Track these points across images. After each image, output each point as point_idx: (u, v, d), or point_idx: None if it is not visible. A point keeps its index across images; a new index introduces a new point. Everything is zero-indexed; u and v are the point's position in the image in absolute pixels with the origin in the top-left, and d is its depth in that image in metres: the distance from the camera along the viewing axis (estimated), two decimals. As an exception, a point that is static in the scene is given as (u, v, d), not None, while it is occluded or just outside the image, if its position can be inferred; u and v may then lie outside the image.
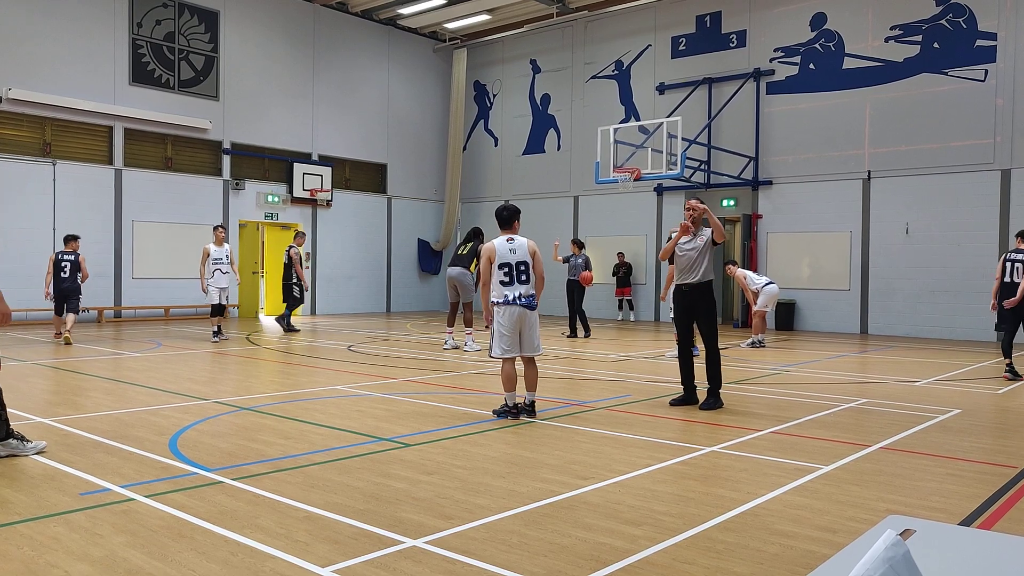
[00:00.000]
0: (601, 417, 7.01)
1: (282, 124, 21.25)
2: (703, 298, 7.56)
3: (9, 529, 3.84)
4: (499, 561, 3.48)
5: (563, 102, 23.01)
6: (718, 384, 7.58)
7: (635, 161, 17.51)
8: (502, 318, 6.81)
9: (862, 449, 5.80)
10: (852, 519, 4.15)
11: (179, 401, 7.52)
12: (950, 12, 16.61)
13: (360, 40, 22.97)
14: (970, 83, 16.35)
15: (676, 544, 3.73)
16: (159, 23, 18.82)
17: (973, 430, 6.63)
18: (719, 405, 7.48)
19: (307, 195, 21.43)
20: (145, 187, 18.60)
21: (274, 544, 3.65)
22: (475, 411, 7.21)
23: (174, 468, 5.05)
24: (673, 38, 20.68)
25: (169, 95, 19.00)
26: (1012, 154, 15.90)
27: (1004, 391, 8.95)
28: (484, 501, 4.38)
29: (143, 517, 4.03)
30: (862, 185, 17.61)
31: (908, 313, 17.07)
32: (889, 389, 8.92)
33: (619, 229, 21.69)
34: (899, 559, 1.32)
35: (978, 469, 5.24)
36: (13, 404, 7.18)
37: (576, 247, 15.88)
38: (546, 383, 9.13)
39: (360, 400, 7.76)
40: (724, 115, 19.54)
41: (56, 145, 17.27)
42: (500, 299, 6.83)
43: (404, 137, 24.29)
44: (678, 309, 7.84)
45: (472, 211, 25.03)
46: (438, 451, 5.58)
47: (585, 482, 4.79)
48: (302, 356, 11.83)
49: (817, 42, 18.35)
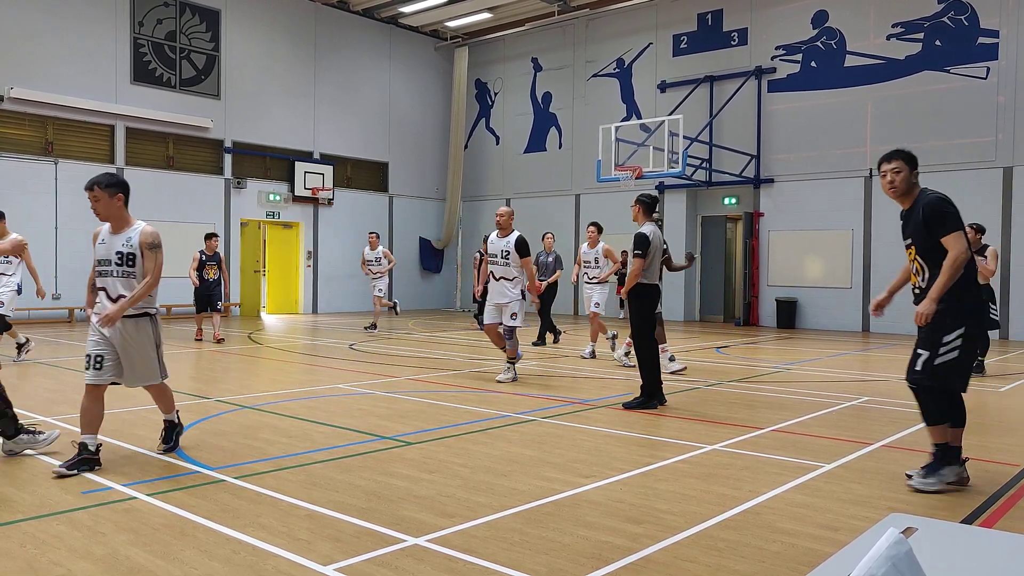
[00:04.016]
0: (602, 415, 7.01)
1: (283, 123, 21.25)
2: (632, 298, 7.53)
3: (12, 527, 3.85)
4: (501, 559, 3.48)
5: (564, 100, 23.00)
6: (643, 383, 7.44)
7: (636, 159, 17.50)
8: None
9: (864, 447, 5.80)
10: (854, 517, 4.15)
11: (181, 400, 7.51)
12: (952, 10, 16.59)
13: (361, 39, 22.96)
14: (972, 81, 16.33)
15: (677, 542, 3.73)
16: (160, 22, 18.82)
17: (974, 428, 6.62)
18: (644, 405, 7.33)
19: (308, 194, 21.45)
20: (147, 186, 18.58)
21: (276, 542, 3.66)
22: (477, 409, 7.21)
23: (176, 467, 5.06)
24: (674, 36, 20.66)
25: (170, 94, 19.00)
26: (1014, 152, 15.88)
27: (1005, 389, 8.94)
28: (486, 499, 4.38)
29: (145, 515, 4.04)
30: (864, 183, 17.59)
31: (910, 311, 17.00)
32: (891, 387, 8.92)
33: (621, 228, 21.67)
34: (901, 557, 1.32)
35: (980, 467, 5.23)
36: (17, 403, 7.19)
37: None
38: (546, 382, 9.13)
39: (362, 398, 7.77)
40: (725, 113, 19.52)
41: (58, 144, 17.28)
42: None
43: (405, 135, 24.29)
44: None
45: (474, 210, 25.03)
46: (440, 449, 5.58)
47: (587, 480, 4.79)
48: (304, 355, 11.83)
49: (818, 40, 18.33)
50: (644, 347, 7.41)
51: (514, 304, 8.94)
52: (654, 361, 7.41)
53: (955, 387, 4.69)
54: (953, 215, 4.64)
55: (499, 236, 9.15)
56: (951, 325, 4.62)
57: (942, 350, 4.61)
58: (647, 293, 7.47)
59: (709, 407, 7.54)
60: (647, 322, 7.46)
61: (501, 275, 9.03)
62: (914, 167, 4.84)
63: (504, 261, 9.00)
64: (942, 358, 4.61)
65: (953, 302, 4.63)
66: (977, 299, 4.76)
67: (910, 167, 4.83)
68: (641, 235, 7.42)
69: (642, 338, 7.43)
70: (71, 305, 17.26)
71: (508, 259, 8.98)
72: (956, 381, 4.67)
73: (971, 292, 4.69)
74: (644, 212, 7.64)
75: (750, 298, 19.15)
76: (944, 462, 4.66)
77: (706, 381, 9.27)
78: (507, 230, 9.09)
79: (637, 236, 7.42)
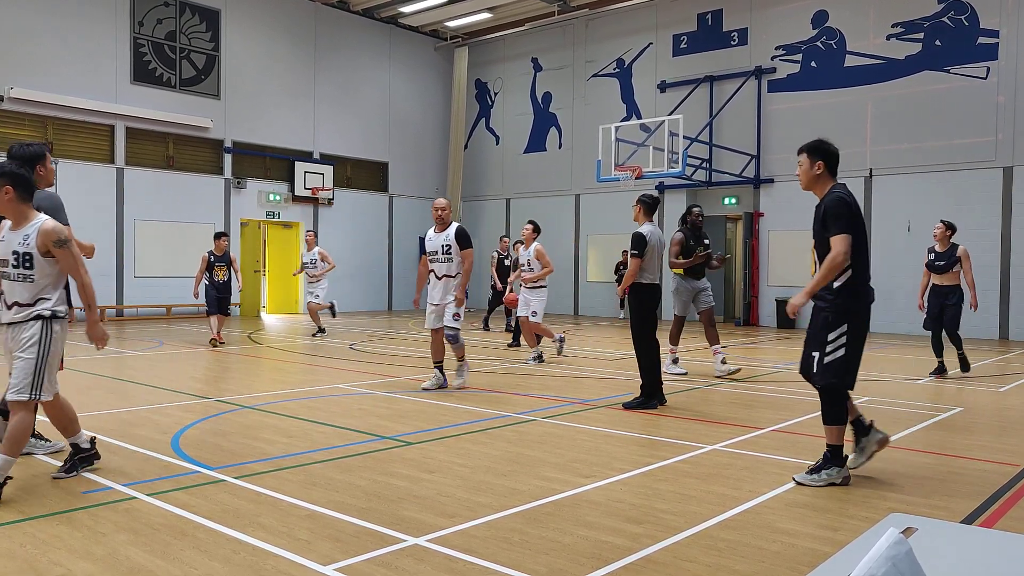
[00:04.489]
0: (602, 415, 7.01)
1: (283, 123, 21.25)
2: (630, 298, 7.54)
3: (12, 527, 3.85)
4: (501, 559, 3.48)
5: (564, 100, 23.00)
6: (642, 383, 7.46)
7: (636, 159, 17.50)
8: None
9: (864, 447, 5.79)
10: (854, 517, 4.15)
11: (181, 400, 7.52)
12: (952, 10, 16.59)
13: (361, 39, 22.97)
14: (972, 81, 16.33)
15: (677, 542, 3.74)
16: (160, 22, 18.82)
17: (974, 428, 6.63)
18: (644, 405, 7.35)
19: (308, 194, 21.45)
20: (147, 186, 18.61)
21: (276, 542, 3.66)
22: (477, 409, 7.21)
23: (176, 466, 5.06)
24: (674, 36, 20.66)
25: (170, 94, 19.00)
26: (1014, 152, 15.88)
27: (1005, 389, 8.94)
28: (486, 499, 4.38)
29: (145, 515, 4.04)
30: (864, 183, 17.59)
31: (910, 311, 17.04)
32: (891, 387, 8.91)
33: (620, 227, 21.68)
34: (902, 557, 1.33)
35: (980, 467, 5.23)
36: None
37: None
38: (547, 381, 9.13)
39: (362, 398, 7.77)
40: (725, 113, 19.52)
41: (58, 144, 17.27)
42: None
43: (405, 136, 24.29)
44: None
45: (474, 209, 25.03)
46: (440, 449, 5.58)
47: (587, 480, 4.79)
48: (304, 355, 11.83)
49: (818, 40, 18.33)
50: (643, 347, 7.41)
51: (455, 304, 8.28)
52: (654, 361, 7.41)
53: (844, 384, 4.82)
54: (845, 217, 4.73)
55: (437, 231, 8.39)
56: (834, 323, 4.76)
57: (828, 348, 4.76)
58: (646, 293, 7.47)
59: (709, 407, 7.55)
60: (647, 322, 7.45)
61: (444, 273, 8.31)
62: (819, 160, 4.96)
63: (446, 257, 8.29)
64: (830, 356, 4.75)
65: (837, 301, 4.76)
66: (858, 298, 4.83)
67: (812, 160, 4.97)
68: (639, 235, 7.42)
69: (641, 338, 7.42)
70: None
71: (450, 254, 8.27)
72: (845, 378, 4.80)
73: (855, 292, 4.79)
74: (645, 212, 7.64)
75: (750, 298, 19.15)
76: (834, 462, 4.79)
77: (706, 381, 9.27)
78: (446, 224, 8.34)
79: (635, 236, 7.42)
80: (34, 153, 5.22)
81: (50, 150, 5.63)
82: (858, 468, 4.96)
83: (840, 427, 4.82)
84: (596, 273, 22.25)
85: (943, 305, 9.74)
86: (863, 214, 19.45)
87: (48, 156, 5.33)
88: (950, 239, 9.72)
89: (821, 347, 4.79)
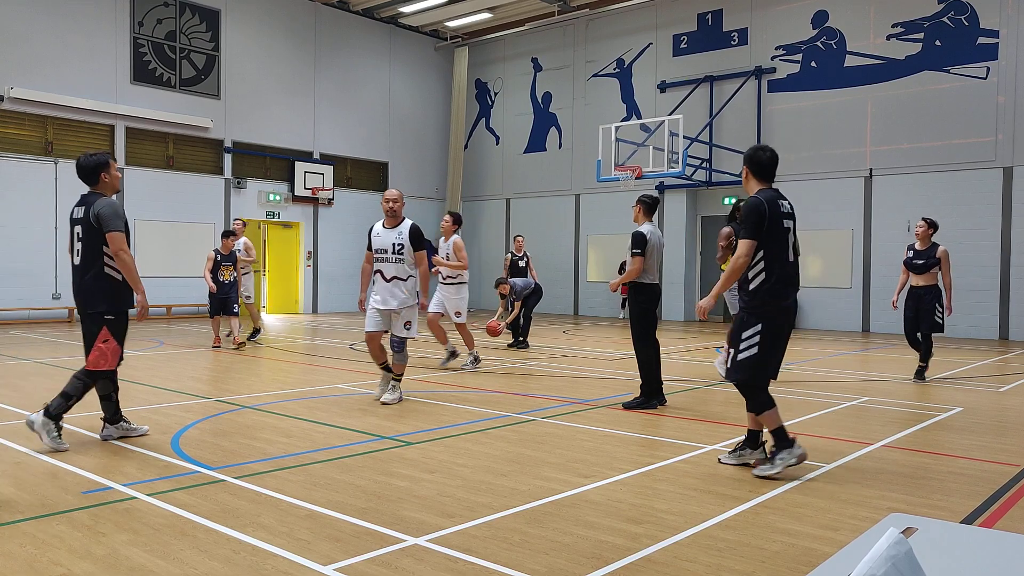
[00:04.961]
0: (602, 415, 7.01)
1: (283, 123, 21.25)
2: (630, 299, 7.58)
3: (12, 527, 3.85)
4: (501, 559, 3.48)
5: (564, 100, 23.00)
6: (642, 383, 7.47)
7: (637, 159, 17.51)
8: None
9: (864, 447, 5.80)
10: (854, 517, 4.15)
11: (181, 399, 7.53)
12: (952, 10, 16.59)
13: (361, 38, 22.96)
14: (972, 81, 16.33)
15: (677, 542, 3.74)
16: (160, 22, 18.82)
17: (974, 428, 6.63)
18: (644, 405, 7.37)
19: (308, 193, 21.45)
20: (147, 186, 18.61)
21: (276, 542, 3.66)
22: (477, 409, 7.21)
23: (176, 466, 5.06)
24: (674, 36, 20.67)
25: (170, 94, 19.00)
26: (1014, 152, 15.88)
27: (1005, 389, 8.94)
28: (486, 499, 4.38)
29: (145, 515, 4.04)
30: (864, 183, 17.60)
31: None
32: (891, 387, 8.92)
33: (621, 228, 21.68)
34: (902, 557, 1.33)
35: (979, 467, 5.23)
36: (16, 403, 7.20)
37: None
38: (547, 381, 9.13)
39: (362, 398, 7.77)
40: (726, 113, 19.52)
41: (58, 144, 17.28)
42: None
43: (405, 135, 24.29)
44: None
45: (473, 210, 25.03)
46: (440, 449, 5.58)
47: (586, 480, 4.79)
48: (304, 355, 11.83)
49: (819, 40, 18.33)
50: (644, 347, 7.41)
51: (408, 311, 7.50)
52: (653, 361, 7.40)
53: (756, 380, 4.99)
54: (751, 224, 4.93)
55: (387, 226, 7.57)
56: (748, 322, 4.97)
57: (742, 346, 4.97)
58: (647, 293, 7.47)
59: (709, 407, 7.55)
60: (647, 322, 7.45)
61: (393, 275, 7.47)
62: (745, 166, 5.28)
63: (397, 257, 7.46)
64: (743, 353, 4.96)
65: (752, 303, 4.97)
66: (773, 299, 4.96)
67: (743, 166, 5.30)
68: (639, 234, 7.40)
69: (641, 338, 7.42)
70: (71, 305, 17.24)
71: (402, 254, 7.46)
72: (758, 374, 4.97)
73: (770, 293, 4.94)
74: (645, 212, 7.63)
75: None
76: (783, 445, 4.92)
77: (706, 381, 9.27)
78: (398, 219, 7.55)
79: (635, 235, 7.40)
80: (98, 162, 5.78)
81: (113, 158, 5.96)
82: (726, 462, 5.23)
83: (771, 411, 4.97)
84: (596, 273, 22.24)
85: (918, 308, 9.42)
86: (863, 214, 19.38)
87: (112, 163, 5.78)
88: (931, 237, 9.41)
89: (736, 345, 5.01)
